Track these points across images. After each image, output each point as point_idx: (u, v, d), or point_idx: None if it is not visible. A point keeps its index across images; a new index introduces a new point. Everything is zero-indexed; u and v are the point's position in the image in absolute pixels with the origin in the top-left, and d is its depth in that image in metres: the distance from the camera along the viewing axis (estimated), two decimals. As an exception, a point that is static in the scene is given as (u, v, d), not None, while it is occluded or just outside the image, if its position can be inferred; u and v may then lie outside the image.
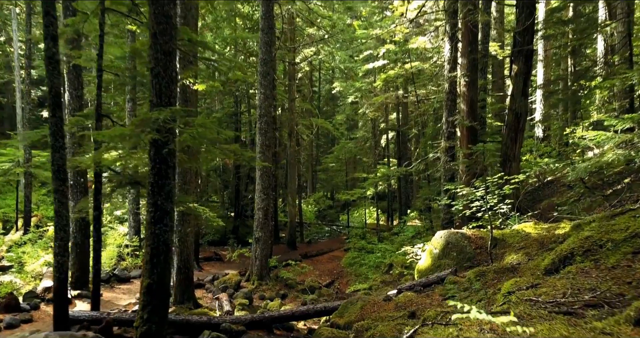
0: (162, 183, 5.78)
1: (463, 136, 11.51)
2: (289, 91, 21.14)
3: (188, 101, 10.36)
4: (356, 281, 15.00)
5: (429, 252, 7.83)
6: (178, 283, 10.37)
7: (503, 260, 6.55)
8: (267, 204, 13.50)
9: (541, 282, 4.00)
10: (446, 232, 7.69)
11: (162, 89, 5.80)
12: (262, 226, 13.42)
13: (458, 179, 11.50)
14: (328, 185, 34.40)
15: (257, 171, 13.46)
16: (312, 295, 13.25)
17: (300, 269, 15.20)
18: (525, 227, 7.56)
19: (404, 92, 22.72)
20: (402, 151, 25.37)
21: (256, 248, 13.45)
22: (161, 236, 5.74)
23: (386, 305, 6.28)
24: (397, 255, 15.03)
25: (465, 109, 11.47)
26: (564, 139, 21.59)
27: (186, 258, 10.40)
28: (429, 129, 21.78)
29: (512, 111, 11.09)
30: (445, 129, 12.05)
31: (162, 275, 5.73)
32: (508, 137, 11.18)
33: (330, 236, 28.18)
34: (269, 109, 13.42)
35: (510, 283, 4.26)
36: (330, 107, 43.62)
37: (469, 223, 8.62)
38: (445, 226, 11.82)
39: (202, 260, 16.74)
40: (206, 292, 12.53)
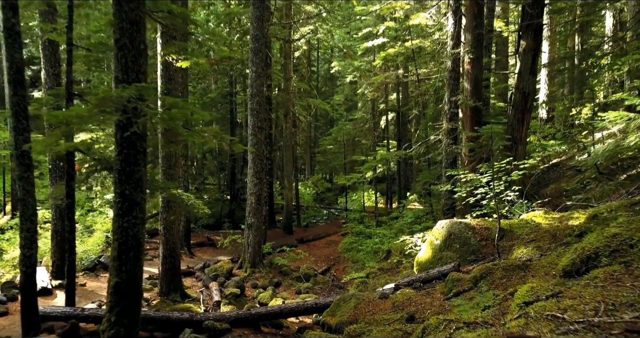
0: (131, 170, 5.14)
1: (466, 117, 10.83)
2: (284, 70, 20.32)
3: (172, 79, 9.64)
4: (353, 268, 14.50)
5: (429, 243, 7.23)
6: (163, 273, 9.83)
7: (511, 254, 5.95)
8: (260, 189, 12.88)
9: (563, 290, 3.39)
10: (448, 222, 7.08)
11: (128, 64, 5.11)
12: (254, 212, 12.83)
13: (460, 163, 10.85)
14: (326, 168, 33.78)
15: (249, 155, 12.80)
16: (307, 283, 12.75)
17: (296, 255, 14.69)
18: (535, 216, 6.95)
19: (404, 71, 21.88)
20: (402, 133, 24.65)
21: (249, 234, 12.89)
22: (130, 229, 5.13)
23: (382, 303, 5.71)
24: (396, 242, 14.50)
25: (469, 88, 10.75)
26: (569, 120, 20.89)
27: (172, 246, 9.83)
28: (429, 110, 21.04)
29: (519, 90, 10.39)
30: (448, 110, 11.35)
31: (132, 272, 5.13)
32: (514, 118, 10.50)
33: (328, 219, 27.68)
34: (261, 88, 12.68)
35: (525, 290, 3.65)
36: (329, 87, 42.68)
37: (473, 211, 8.01)
38: (447, 213, 11.23)
39: (195, 246, 16.22)
40: (196, 281, 12.01)
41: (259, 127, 12.68)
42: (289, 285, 12.60)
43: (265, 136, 15.75)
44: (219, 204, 25.01)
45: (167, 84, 9.57)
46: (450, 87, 11.35)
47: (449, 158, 11.23)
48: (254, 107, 12.64)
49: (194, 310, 7.64)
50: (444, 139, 11.10)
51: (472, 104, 10.43)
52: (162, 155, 9.73)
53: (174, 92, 9.63)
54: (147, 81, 5.49)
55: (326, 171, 35.46)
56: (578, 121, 19.00)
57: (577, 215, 6.44)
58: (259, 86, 12.62)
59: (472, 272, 5.44)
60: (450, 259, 6.69)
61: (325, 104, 23.50)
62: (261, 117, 12.71)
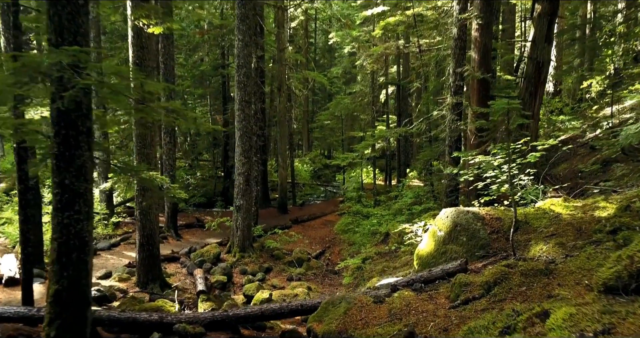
0: (71, 154, 4.22)
1: (473, 91, 9.83)
2: (278, 39, 19.11)
3: (145, 47, 8.60)
4: (349, 251, 13.75)
5: (431, 234, 6.37)
6: (141, 262, 9.03)
7: (528, 251, 5.09)
8: (249, 168, 11.97)
9: (615, 322, 2.52)
10: (454, 211, 6.20)
11: (63, 23, 4.11)
12: (243, 193, 11.97)
13: (466, 142, 9.92)
14: (323, 144, 32.73)
15: (237, 132, 11.85)
16: (300, 268, 12.01)
17: (289, 238, 13.92)
18: (553, 205, 6.07)
19: (405, 42, 20.67)
20: (402, 107, 23.60)
21: (237, 217, 12.06)
22: (72, 227, 4.25)
23: (377, 309, 4.88)
24: (395, 223, 13.70)
25: (476, 58, 9.71)
26: (579, 94, 19.81)
27: (149, 233, 8.99)
28: (431, 83, 19.94)
29: (533, 60, 9.36)
30: (452, 83, 10.33)
31: (75, 278, 4.28)
32: (526, 91, 9.51)
33: (325, 197, 26.89)
34: (249, 58, 11.62)
35: (560, 317, 2.79)
36: (327, 59, 41.31)
37: (479, 193, 7.11)
38: (450, 195, 10.36)
39: (183, 227, 15.43)
40: (181, 267, 11.24)
41: (246, 101, 11.68)
42: (281, 271, 11.86)
43: (256, 111, 14.75)
44: (212, 181, 24.17)
45: (139, 53, 8.54)
46: (455, 58, 10.30)
47: (452, 136, 10.27)
48: (241, 79, 11.61)
49: (166, 310, 6.85)
50: (448, 114, 10.12)
51: (480, 76, 9.41)
52: (135, 133, 8.79)
53: (146, 62, 8.61)
54: (92, 45, 4.51)
55: (324, 147, 34.43)
56: (589, 94, 17.95)
57: (604, 204, 5.55)
58: (246, 56, 11.56)
59: (484, 274, 4.59)
60: (455, 254, 5.84)
61: (322, 77, 22.36)
62: (249, 90, 11.70)
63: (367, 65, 22.31)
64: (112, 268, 10.61)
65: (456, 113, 10.17)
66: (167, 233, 13.97)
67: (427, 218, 11.51)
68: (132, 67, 8.60)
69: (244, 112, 11.67)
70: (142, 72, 8.49)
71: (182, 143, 31.83)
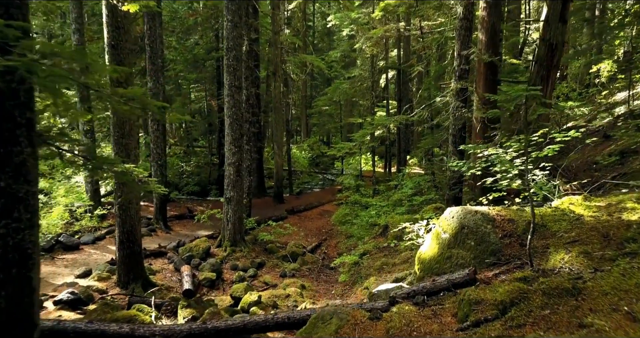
0: (7, 151, 3.53)
1: (480, 75, 9.08)
2: (273, 22, 18.23)
3: (120, 28, 7.82)
4: (346, 244, 13.15)
5: (435, 236, 5.71)
6: (121, 261, 8.39)
7: (547, 261, 4.43)
8: (239, 158, 11.29)
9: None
10: (460, 210, 5.53)
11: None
12: (233, 185, 11.30)
13: (471, 131, 9.21)
14: (321, 130, 31.93)
15: (226, 119, 11.12)
16: (294, 263, 11.42)
17: (283, 230, 13.31)
18: (572, 204, 5.39)
19: (406, 24, 19.78)
20: (402, 93, 22.80)
21: (228, 209, 11.41)
22: (11, 237, 3.57)
23: (373, 328, 4.24)
24: (394, 215, 13.06)
25: (484, 39, 8.94)
26: (587, 79, 19.01)
27: (130, 229, 8.34)
28: (432, 67, 19.11)
29: (545, 42, 8.58)
30: (457, 66, 9.57)
31: (15, 299, 3.62)
32: (537, 75, 8.75)
33: (323, 184, 26.26)
34: (239, 40, 10.84)
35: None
36: (326, 43, 40.28)
37: (489, 193, 6.43)
38: (453, 188, 9.69)
39: (173, 219, 14.80)
40: (168, 262, 10.62)
41: (236, 86, 10.93)
42: (274, 266, 11.26)
43: (248, 96, 14.00)
44: (207, 169, 23.49)
45: (115, 34, 7.77)
46: (461, 39, 9.52)
47: (457, 124, 9.55)
48: (230, 63, 10.84)
49: (141, 319, 6.22)
50: (452, 101, 9.38)
51: (487, 58, 8.65)
52: (112, 122, 8.07)
53: (123, 44, 7.85)
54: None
55: (322, 133, 33.64)
56: (598, 79, 17.15)
57: (632, 205, 4.87)
58: (236, 38, 10.77)
59: (498, 291, 3.93)
60: (462, 260, 5.18)
61: (319, 60, 21.49)
62: (239, 75, 10.94)
63: (367, 48, 21.44)
64: (93, 264, 10.00)
65: (461, 100, 9.44)
66: (155, 225, 13.34)
67: (429, 212, 10.87)
68: (107, 49, 7.85)
69: (233, 98, 10.94)
70: (119, 55, 7.77)
71: (177, 129, 31.09)
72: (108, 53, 7.86)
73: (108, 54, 7.86)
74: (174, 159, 24.59)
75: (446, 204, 10.03)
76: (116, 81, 7.94)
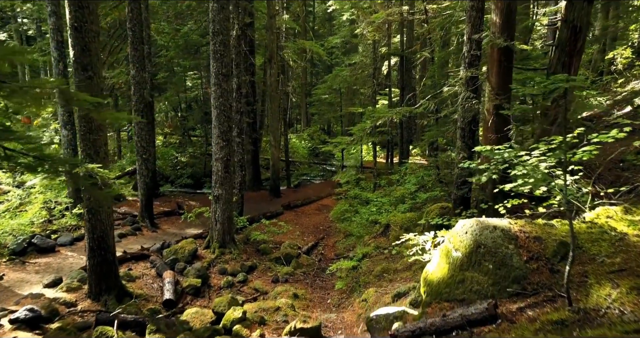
0: None
1: (493, 62, 8.09)
2: (268, 5, 17.15)
3: (85, 7, 6.85)
4: (345, 243, 12.31)
5: (444, 253, 4.82)
6: (92, 270, 7.55)
7: (587, 296, 3.54)
8: (228, 153, 10.38)
9: None
10: (474, 224, 4.62)
11: None
12: (222, 182, 10.41)
13: (483, 124, 8.27)
14: (321, 119, 30.89)
15: (213, 110, 10.19)
16: (287, 266, 10.58)
17: (277, 229, 12.46)
18: (611, 218, 4.48)
19: (410, 8, 18.68)
20: (405, 80, 21.74)
21: (216, 208, 10.54)
22: None
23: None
24: (396, 213, 12.18)
25: (498, 21, 7.94)
26: (600, 66, 17.95)
27: (101, 235, 7.47)
28: (437, 53, 18.05)
29: (568, 24, 7.59)
30: (467, 52, 8.58)
31: None
32: (558, 62, 7.78)
33: (323, 176, 25.36)
34: (226, 23, 9.85)
35: None
36: (326, 29, 39.10)
37: (507, 200, 5.50)
38: (461, 188, 8.78)
39: (162, 216, 13.92)
40: (150, 267, 9.77)
41: (224, 74, 9.96)
42: (266, 269, 10.43)
43: (239, 85, 13.04)
44: (202, 160, 22.54)
45: (78, 14, 6.81)
46: (471, 22, 8.52)
47: (466, 116, 8.59)
48: (217, 48, 9.87)
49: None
50: (462, 90, 8.40)
51: (502, 43, 7.66)
52: (78, 115, 7.16)
53: (88, 26, 6.89)
54: None
55: (322, 122, 32.61)
56: (614, 66, 16.12)
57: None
58: (223, 20, 9.78)
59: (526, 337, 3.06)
60: (478, 285, 4.30)
61: (318, 46, 20.44)
62: (226, 61, 9.97)
63: (368, 34, 20.35)
64: (67, 270, 9.16)
65: (471, 89, 8.47)
66: (141, 223, 12.49)
67: (434, 212, 9.98)
68: (70, 31, 6.90)
69: (221, 88, 9.98)
70: (83, 38, 6.84)
71: (174, 118, 30.10)
72: (71, 36, 6.91)
73: (71, 38, 6.91)
74: (169, 150, 23.70)
75: (453, 204, 9.13)
76: (81, 68, 7.03)
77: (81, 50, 6.94)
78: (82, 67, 7.00)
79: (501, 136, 8.03)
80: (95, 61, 7.12)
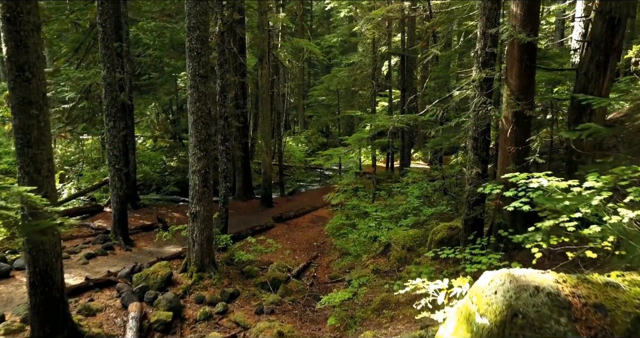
0: None
1: (513, 61, 6.85)
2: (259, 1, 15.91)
3: (19, -6, 5.62)
4: (341, 264, 11.08)
5: (464, 317, 3.58)
6: (34, 310, 6.30)
7: None
8: (207, 164, 9.15)
9: None
10: (507, 280, 3.37)
11: None
12: (199, 197, 9.17)
13: (500, 134, 7.02)
14: (317, 122, 29.65)
15: (189, 116, 8.96)
16: (275, 294, 9.34)
17: (265, 248, 11.19)
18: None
19: (412, 3, 17.47)
20: (407, 81, 20.50)
21: (193, 227, 9.29)
22: None
23: None
24: (397, 229, 10.94)
25: (518, 12, 6.70)
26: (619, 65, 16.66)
27: (44, 269, 6.22)
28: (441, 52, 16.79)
29: (604, 16, 6.37)
30: (481, 50, 7.32)
31: None
32: (591, 61, 6.56)
33: (320, 181, 24.12)
34: (203, 17, 8.62)
35: None
36: (324, 28, 37.95)
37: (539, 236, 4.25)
38: (473, 208, 7.51)
39: (139, 231, 12.66)
40: (116, 296, 8.50)
41: (201, 76, 8.73)
42: (250, 297, 9.17)
43: (223, 87, 11.81)
44: (190, 166, 21.25)
45: (12, 4, 5.57)
46: (485, 14, 7.27)
47: (480, 124, 7.33)
48: (193, 46, 8.64)
49: None
50: (477, 95, 7.15)
51: (524, 38, 6.41)
52: (15, 124, 5.92)
53: (24, 18, 5.65)
54: None
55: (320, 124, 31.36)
56: (636, 66, 14.88)
57: None
58: (200, 14, 8.55)
59: None
60: (514, 373, 3.06)
61: (313, 46, 19.22)
62: (204, 61, 8.73)
63: (367, 32, 19.13)
64: (18, 301, 7.92)
65: (486, 93, 7.22)
66: (114, 241, 11.24)
67: (440, 234, 8.74)
68: (2, 24, 5.66)
69: (198, 91, 8.75)
70: (18, 32, 5.60)
71: (164, 120, 28.87)
72: (3, 29, 5.68)
73: (3, 31, 5.68)
74: (158, 154, 22.48)
75: (464, 225, 7.87)
76: (17, 68, 5.80)
77: (15, 46, 5.71)
78: (17, 66, 5.76)
79: (522, 149, 6.80)
80: (34, 59, 5.88)
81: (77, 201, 15.41)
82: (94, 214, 13.82)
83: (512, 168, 6.70)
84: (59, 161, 16.55)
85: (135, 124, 27.42)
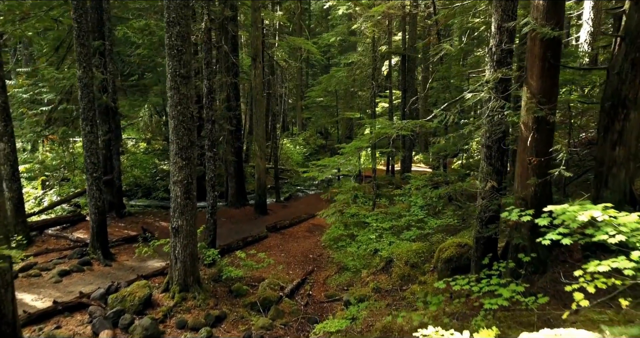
0: None
1: (534, 58, 5.96)
2: (252, -4, 15.04)
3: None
4: (338, 281, 10.23)
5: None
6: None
7: None
8: (189, 174, 8.28)
9: None
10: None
11: None
12: (182, 210, 8.30)
13: (519, 143, 6.14)
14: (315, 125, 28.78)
15: (170, 121, 8.09)
16: (265, 316, 8.46)
17: (256, 263, 10.31)
18: None
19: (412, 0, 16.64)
20: (408, 81, 19.67)
21: (176, 243, 8.42)
22: None
23: None
24: (400, 243, 10.07)
25: (541, 3, 5.81)
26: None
27: (-8, 300, 5.36)
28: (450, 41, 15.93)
29: None
30: (495, 47, 6.44)
31: None
32: (625, 59, 5.68)
33: (318, 185, 23.23)
34: (185, 11, 7.75)
35: None
36: (323, 27, 37.10)
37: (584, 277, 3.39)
38: (487, 225, 6.63)
39: (121, 243, 11.77)
40: (87, 321, 7.63)
41: (182, 76, 7.85)
42: (237, 320, 8.30)
43: (210, 89, 10.94)
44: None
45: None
46: (501, 6, 6.39)
47: (495, 131, 6.46)
48: (173, 43, 7.77)
49: None
50: (492, 98, 6.27)
51: (549, 32, 5.53)
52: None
53: None
54: None
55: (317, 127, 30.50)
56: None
57: None
58: (180, 8, 7.68)
59: None
60: None
61: (310, 44, 18.35)
62: (186, 60, 7.86)
63: (366, 30, 18.25)
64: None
65: (502, 96, 6.34)
66: (92, 255, 10.36)
67: (448, 251, 7.87)
68: None
69: (179, 93, 7.88)
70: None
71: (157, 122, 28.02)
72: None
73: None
74: (150, 157, 21.63)
75: (475, 245, 6.98)
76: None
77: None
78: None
79: (545, 161, 5.92)
80: None
81: (61, 209, 14.53)
82: (75, 224, 12.93)
83: (533, 182, 5.84)
84: (40, 166, 15.66)
85: (129, 125, 26.64)
